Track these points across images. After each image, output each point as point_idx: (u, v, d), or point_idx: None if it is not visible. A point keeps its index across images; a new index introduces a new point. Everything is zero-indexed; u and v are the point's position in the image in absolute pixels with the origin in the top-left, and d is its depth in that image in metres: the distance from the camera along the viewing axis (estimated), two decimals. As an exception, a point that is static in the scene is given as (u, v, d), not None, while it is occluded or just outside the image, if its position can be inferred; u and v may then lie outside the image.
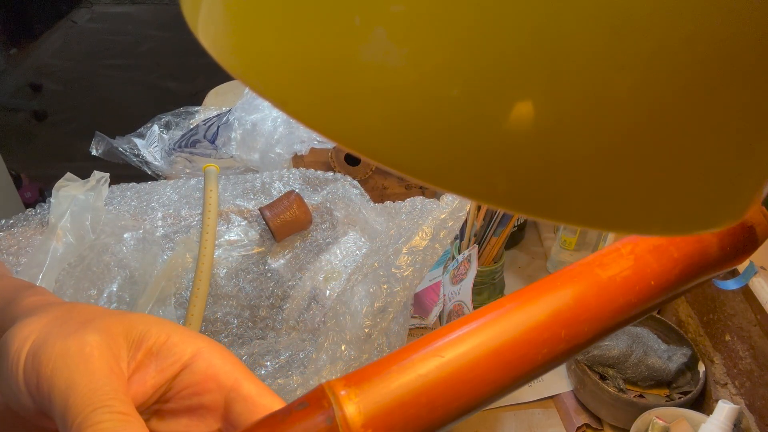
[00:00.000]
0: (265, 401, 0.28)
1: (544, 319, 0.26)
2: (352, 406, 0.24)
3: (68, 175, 0.70)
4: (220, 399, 0.29)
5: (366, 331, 0.55)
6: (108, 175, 0.72)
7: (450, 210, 0.60)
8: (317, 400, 0.24)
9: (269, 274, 0.75)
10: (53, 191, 0.69)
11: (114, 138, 0.97)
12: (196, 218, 0.78)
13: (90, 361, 0.25)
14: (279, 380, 0.54)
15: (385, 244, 0.64)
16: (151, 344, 0.27)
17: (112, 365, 0.25)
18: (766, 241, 0.59)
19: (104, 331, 0.26)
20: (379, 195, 0.93)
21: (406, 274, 0.57)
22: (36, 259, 0.62)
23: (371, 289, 0.57)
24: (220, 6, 0.17)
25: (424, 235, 0.59)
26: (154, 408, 0.29)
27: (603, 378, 0.71)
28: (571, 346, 0.26)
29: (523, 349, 0.25)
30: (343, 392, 0.24)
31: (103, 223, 0.68)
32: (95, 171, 0.71)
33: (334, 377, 0.52)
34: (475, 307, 0.78)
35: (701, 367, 0.71)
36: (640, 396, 0.71)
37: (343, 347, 0.54)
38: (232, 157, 0.91)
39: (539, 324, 0.26)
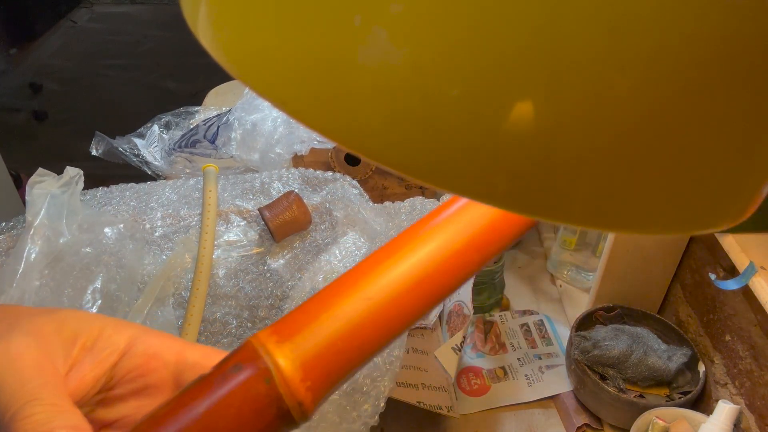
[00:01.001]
0: (213, 361, 0.29)
1: (460, 247, 0.26)
2: (288, 363, 0.24)
3: (41, 170, 0.68)
4: (167, 375, 0.29)
5: (366, 331, 0.55)
6: (81, 172, 0.70)
7: (449, 210, 0.60)
8: (251, 360, 0.24)
9: (268, 275, 0.74)
10: (27, 188, 0.67)
11: (114, 138, 0.97)
12: (196, 218, 0.78)
13: (18, 359, 0.25)
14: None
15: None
16: (85, 339, 0.28)
17: (41, 362, 0.26)
18: (766, 240, 0.59)
19: (34, 332, 0.27)
20: (379, 195, 0.93)
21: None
22: (16, 257, 0.61)
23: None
24: (219, 6, 0.17)
25: (423, 235, 0.59)
26: (97, 398, 0.29)
27: (603, 378, 0.71)
28: (481, 266, 0.27)
29: (443, 277, 0.26)
30: (276, 348, 0.24)
31: (81, 219, 0.68)
32: (68, 167, 0.69)
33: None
34: (475, 308, 0.78)
35: (701, 367, 0.71)
36: (640, 396, 0.71)
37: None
38: (232, 157, 0.91)
39: (456, 251, 0.26)
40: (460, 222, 0.26)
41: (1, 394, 0.24)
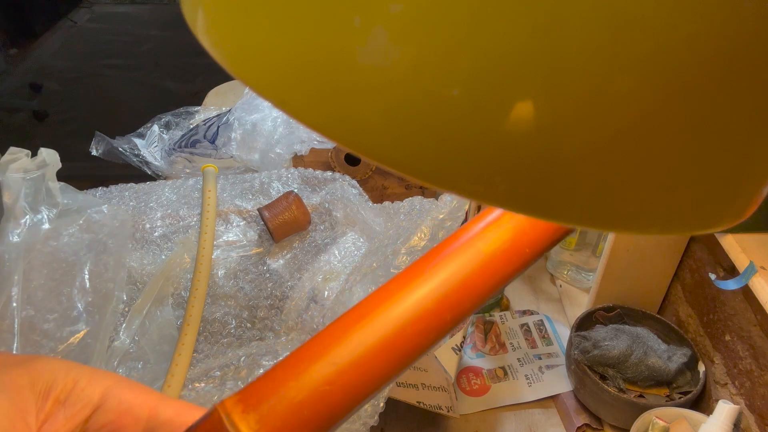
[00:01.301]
0: (186, 419, 0.29)
1: (431, 306, 0.25)
2: (246, 426, 0.24)
3: (12, 149, 0.66)
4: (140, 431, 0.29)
5: (365, 331, 0.54)
6: (57, 154, 0.68)
7: (448, 210, 0.60)
8: (216, 430, 0.24)
9: (268, 275, 0.74)
10: None
11: (114, 138, 0.97)
12: (195, 218, 0.78)
13: None
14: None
15: (384, 245, 0.64)
16: (59, 392, 0.28)
17: (12, 419, 0.25)
18: (766, 240, 0.59)
19: (7, 387, 0.27)
20: (379, 195, 0.93)
21: (405, 274, 0.57)
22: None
23: (370, 290, 0.56)
24: (219, 5, 0.17)
25: (422, 236, 0.59)
26: None
27: (603, 378, 0.71)
28: (455, 324, 0.26)
29: (414, 339, 0.25)
30: (241, 420, 0.24)
31: (61, 202, 0.66)
32: (42, 149, 0.67)
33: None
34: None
35: (701, 367, 0.71)
36: (640, 396, 0.71)
37: (343, 347, 0.54)
38: (232, 157, 0.91)
39: (427, 312, 0.25)
40: (435, 279, 0.26)
41: None
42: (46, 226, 0.63)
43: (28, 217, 0.62)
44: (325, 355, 0.25)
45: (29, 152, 0.67)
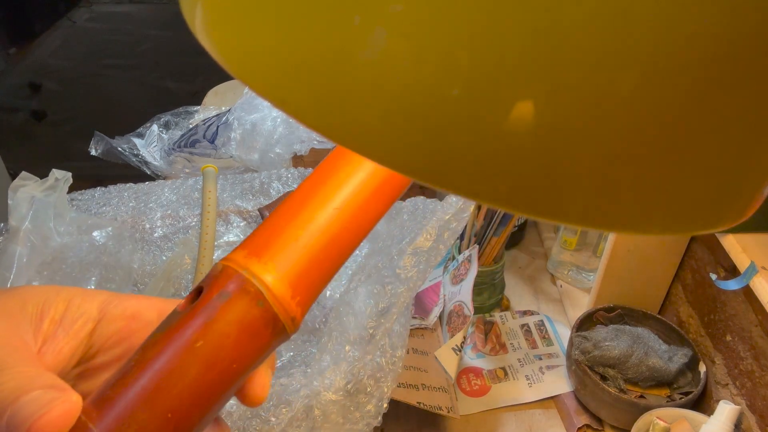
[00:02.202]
0: None
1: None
2: (277, 282, 0.24)
3: (24, 174, 0.67)
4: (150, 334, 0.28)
5: (370, 331, 0.54)
6: (69, 174, 0.68)
7: (454, 211, 0.60)
8: (238, 285, 0.23)
9: (269, 275, 0.74)
10: (9, 192, 0.66)
11: (113, 138, 0.97)
12: (195, 218, 0.78)
13: None
14: (282, 380, 0.54)
15: (388, 245, 0.63)
16: (53, 313, 0.26)
17: (10, 339, 0.24)
18: (767, 240, 0.59)
19: None
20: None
21: (410, 274, 0.57)
22: (4, 265, 0.60)
23: (375, 290, 0.56)
24: (218, 5, 0.17)
25: (428, 236, 0.59)
26: (76, 371, 0.28)
27: (603, 378, 0.71)
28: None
29: (394, 180, 0.26)
30: (261, 269, 0.24)
31: (68, 222, 0.67)
32: (54, 170, 0.68)
33: (338, 378, 0.52)
34: (475, 308, 0.78)
35: (702, 368, 0.71)
36: (641, 396, 0.70)
37: (347, 348, 0.54)
38: (231, 157, 0.91)
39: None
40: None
41: None
42: (52, 246, 0.64)
43: (33, 238, 0.63)
44: (322, 202, 0.25)
45: (38, 179, 0.68)
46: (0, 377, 0.22)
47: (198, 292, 0.24)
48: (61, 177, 0.67)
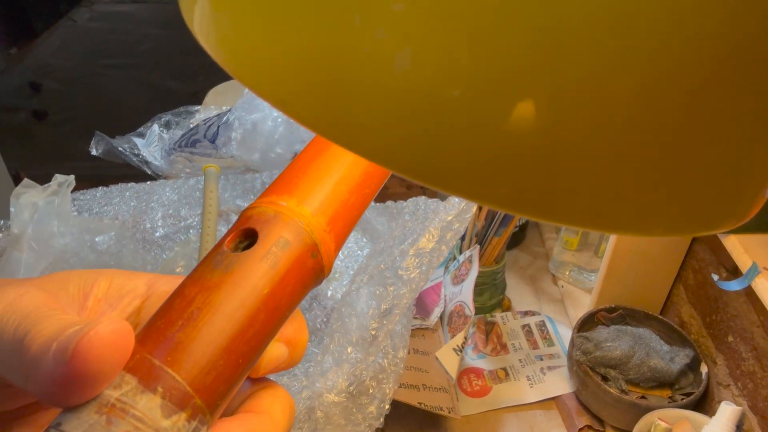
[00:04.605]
0: None
1: None
2: (325, 235, 0.24)
3: (26, 181, 0.67)
4: None
5: (372, 333, 0.54)
6: (72, 177, 0.68)
7: (456, 212, 0.60)
8: (297, 236, 0.23)
9: (269, 275, 0.74)
10: (11, 199, 0.65)
11: (114, 137, 0.97)
12: (196, 218, 0.78)
13: (20, 300, 0.21)
14: (284, 379, 0.54)
15: (390, 245, 0.63)
16: (96, 291, 0.25)
17: (48, 302, 0.22)
18: (769, 242, 0.59)
19: (37, 286, 0.23)
20: (379, 195, 0.93)
21: (412, 275, 0.57)
22: (4, 271, 0.60)
23: (377, 291, 0.56)
24: (217, 5, 0.17)
25: (431, 237, 0.59)
26: None
27: (605, 379, 0.71)
28: None
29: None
30: (315, 222, 0.24)
31: (71, 227, 0.66)
32: (57, 174, 0.68)
33: (340, 379, 0.52)
34: (476, 309, 0.78)
35: (704, 369, 0.71)
36: (642, 397, 0.70)
37: (349, 349, 0.54)
38: (232, 157, 0.91)
39: None
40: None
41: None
42: (50, 251, 0.63)
43: (34, 245, 0.62)
44: (339, 155, 0.25)
45: (38, 185, 0.67)
46: (42, 322, 0.20)
47: (247, 235, 0.24)
48: (63, 181, 0.67)
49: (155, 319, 0.22)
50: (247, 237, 0.24)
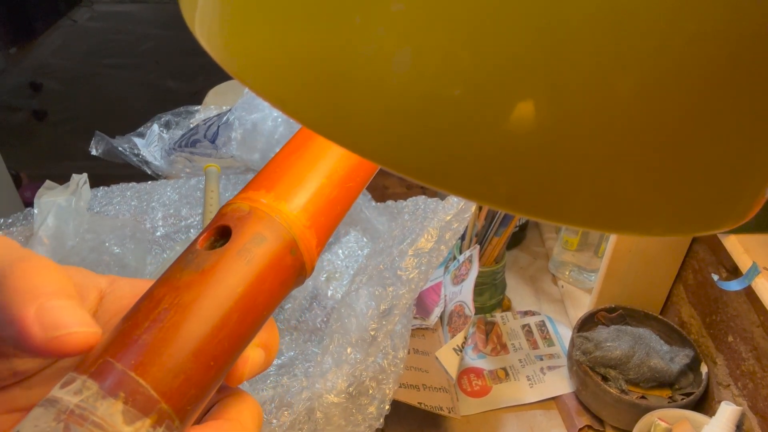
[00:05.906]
0: None
1: None
2: (306, 231, 0.23)
3: (48, 183, 0.68)
4: None
5: (371, 333, 0.54)
6: (86, 175, 0.70)
7: (455, 212, 0.60)
8: (274, 232, 0.22)
9: (269, 275, 0.74)
10: (35, 200, 0.67)
11: (114, 137, 0.97)
12: (197, 218, 0.78)
13: (22, 261, 0.21)
14: (284, 379, 0.53)
15: (389, 245, 0.63)
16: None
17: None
18: (769, 242, 0.59)
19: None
20: (380, 195, 0.93)
21: (411, 276, 0.57)
22: None
23: (377, 291, 0.56)
24: (217, 5, 0.17)
25: (429, 237, 0.58)
26: None
27: (605, 379, 0.71)
28: None
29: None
30: (295, 218, 0.23)
31: (87, 224, 0.67)
32: (74, 174, 0.69)
33: (340, 380, 0.52)
34: (476, 309, 0.78)
35: (704, 369, 0.71)
36: (642, 397, 0.70)
37: (348, 350, 0.54)
38: (232, 156, 0.91)
39: None
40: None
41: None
42: (64, 247, 0.64)
43: (50, 241, 0.63)
44: (323, 149, 0.25)
45: (59, 185, 0.70)
46: (23, 263, 0.20)
47: (221, 233, 0.23)
48: (79, 180, 0.69)
49: (122, 322, 0.21)
50: (222, 235, 0.23)
